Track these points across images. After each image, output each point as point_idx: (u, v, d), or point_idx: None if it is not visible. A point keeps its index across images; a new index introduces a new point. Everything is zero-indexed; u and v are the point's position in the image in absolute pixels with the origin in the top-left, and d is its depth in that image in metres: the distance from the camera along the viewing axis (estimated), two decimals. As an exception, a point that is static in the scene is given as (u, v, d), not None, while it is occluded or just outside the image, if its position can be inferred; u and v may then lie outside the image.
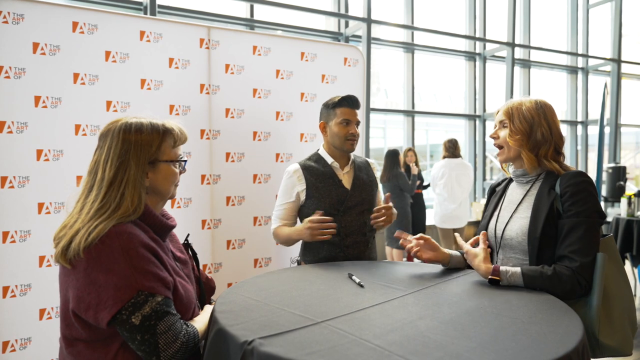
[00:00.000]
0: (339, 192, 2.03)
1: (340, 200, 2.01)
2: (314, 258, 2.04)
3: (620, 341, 1.36)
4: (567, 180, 1.43)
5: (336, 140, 2.04)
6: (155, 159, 1.22)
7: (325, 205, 1.99)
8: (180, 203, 2.52)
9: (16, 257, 2.11)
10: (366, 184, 2.11)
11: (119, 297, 1.06)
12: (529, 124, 1.49)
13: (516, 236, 1.48)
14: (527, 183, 1.56)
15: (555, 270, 1.37)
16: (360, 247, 2.05)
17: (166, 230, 1.26)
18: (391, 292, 1.38)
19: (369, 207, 2.08)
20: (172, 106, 2.49)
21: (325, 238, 1.89)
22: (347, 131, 2.02)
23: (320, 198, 2.01)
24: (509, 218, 1.53)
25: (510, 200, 1.59)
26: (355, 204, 2.04)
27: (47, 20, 2.16)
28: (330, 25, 6.06)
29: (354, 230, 2.03)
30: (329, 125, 2.06)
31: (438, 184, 4.83)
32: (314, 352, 0.95)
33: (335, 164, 2.07)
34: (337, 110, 2.04)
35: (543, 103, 1.53)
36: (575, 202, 1.39)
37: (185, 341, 1.13)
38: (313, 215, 1.92)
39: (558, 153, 1.52)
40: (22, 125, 2.12)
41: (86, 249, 1.08)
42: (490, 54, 7.06)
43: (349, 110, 2.04)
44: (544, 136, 1.49)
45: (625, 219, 4.39)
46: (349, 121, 2.03)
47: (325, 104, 2.10)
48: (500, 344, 1.00)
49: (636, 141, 11.37)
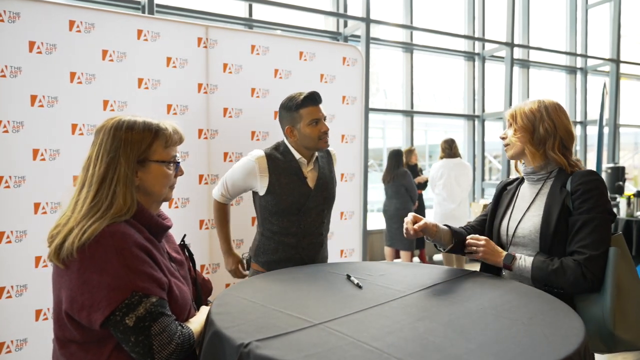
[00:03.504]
0: (302, 191, 1.92)
1: (302, 200, 1.92)
2: (267, 259, 1.96)
3: (635, 335, 1.38)
4: (579, 178, 1.46)
5: (309, 141, 1.90)
6: (145, 158, 1.20)
7: (286, 204, 1.90)
8: (177, 203, 2.50)
9: (12, 257, 2.10)
10: (329, 182, 2.02)
11: (112, 298, 1.05)
12: (531, 121, 1.55)
13: (529, 234, 1.52)
14: (538, 181, 1.60)
15: (561, 262, 1.40)
16: (316, 248, 1.99)
17: (161, 230, 1.25)
18: (390, 294, 1.36)
19: (328, 206, 2.02)
20: (170, 105, 2.47)
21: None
22: (319, 130, 1.89)
23: (282, 195, 1.89)
24: (521, 216, 1.57)
25: (523, 199, 1.63)
26: (316, 204, 1.96)
27: (43, 19, 2.14)
28: (329, 25, 6.04)
29: (312, 230, 1.96)
30: (297, 128, 1.91)
31: (437, 184, 4.82)
32: (311, 354, 0.94)
33: (303, 159, 1.95)
34: (301, 111, 1.89)
35: (548, 102, 1.57)
36: (587, 199, 1.43)
37: (180, 342, 1.11)
38: (246, 260, 2.09)
39: (565, 147, 1.55)
40: (18, 124, 2.11)
41: (80, 249, 1.06)
42: (489, 54, 7.05)
43: (314, 109, 1.89)
44: (548, 131, 1.53)
45: (625, 219, 4.38)
46: (317, 120, 1.89)
47: (285, 106, 1.93)
48: (500, 345, 0.99)
49: (635, 141, 11.39)
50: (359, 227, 3.10)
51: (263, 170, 1.90)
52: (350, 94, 3.02)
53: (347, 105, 3.01)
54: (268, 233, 1.96)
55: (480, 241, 1.57)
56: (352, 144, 3.04)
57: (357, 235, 3.08)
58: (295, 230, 1.93)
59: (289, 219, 1.92)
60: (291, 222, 1.92)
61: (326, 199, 2.00)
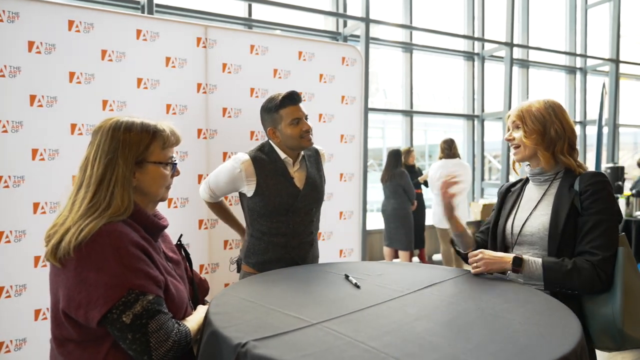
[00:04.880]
0: (290, 192, 1.91)
1: (290, 200, 1.91)
2: (258, 260, 1.95)
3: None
4: (588, 179, 1.47)
5: (292, 141, 1.90)
6: (142, 159, 1.20)
7: (274, 205, 1.89)
8: (177, 203, 2.50)
9: (11, 257, 2.10)
10: (317, 182, 2.01)
11: (109, 296, 1.05)
12: (542, 123, 1.54)
13: (537, 232, 1.52)
14: (544, 182, 1.60)
15: (575, 263, 1.40)
16: (307, 247, 1.99)
17: (158, 229, 1.25)
18: (388, 293, 1.36)
19: (317, 206, 2.02)
20: (169, 105, 2.47)
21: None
22: (300, 129, 1.88)
23: (270, 196, 1.89)
24: (528, 215, 1.57)
25: (529, 199, 1.62)
26: (305, 204, 1.95)
27: (42, 19, 2.14)
28: (328, 25, 6.05)
29: (301, 230, 1.96)
30: (278, 129, 1.91)
31: (436, 184, 4.81)
32: (308, 354, 0.94)
33: (289, 159, 1.94)
34: (281, 112, 1.88)
35: (551, 102, 1.58)
36: (597, 200, 1.44)
37: (177, 340, 1.12)
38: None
39: (572, 148, 1.56)
40: (17, 124, 2.11)
41: (76, 248, 1.07)
42: (489, 54, 7.05)
43: (294, 108, 1.89)
44: (558, 133, 1.53)
45: (624, 219, 4.39)
46: (298, 119, 1.88)
47: (266, 108, 1.94)
48: (497, 345, 0.99)
49: (634, 141, 11.39)
50: (358, 227, 3.10)
51: (250, 175, 1.89)
52: (350, 94, 3.02)
53: (346, 105, 3.01)
54: (257, 234, 1.96)
55: (476, 256, 1.56)
56: (351, 143, 3.04)
57: (356, 235, 3.08)
58: (284, 231, 1.92)
59: (278, 220, 1.91)
60: (280, 223, 1.92)
61: (315, 199, 1.99)
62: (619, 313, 1.35)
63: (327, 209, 2.71)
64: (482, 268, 1.54)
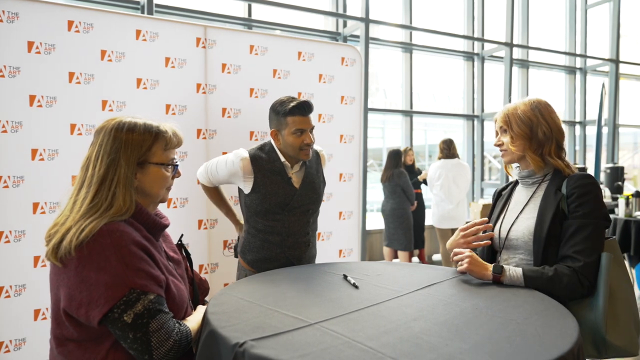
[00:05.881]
0: (287, 191, 1.92)
1: (286, 199, 1.91)
2: (254, 257, 1.98)
3: (627, 341, 1.37)
4: (575, 181, 1.45)
5: (290, 150, 1.89)
6: (144, 160, 1.20)
7: (270, 204, 1.90)
8: (176, 203, 2.51)
9: (11, 257, 2.10)
10: (315, 183, 2.01)
11: (110, 295, 1.05)
12: (528, 126, 1.51)
13: (522, 236, 1.50)
14: (533, 184, 1.58)
15: (556, 270, 1.38)
16: (302, 247, 1.99)
17: (159, 229, 1.25)
18: (386, 293, 1.37)
19: (314, 207, 2.02)
20: (169, 106, 2.48)
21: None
22: (301, 141, 1.86)
23: (267, 195, 1.90)
24: (514, 219, 1.55)
25: (517, 202, 1.61)
26: (301, 204, 1.95)
27: (42, 19, 2.15)
28: (328, 25, 6.04)
29: (296, 230, 1.96)
30: (281, 134, 1.89)
31: (435, 184, 4.82)
32: (306, 354, 0.94)
33: (287, 163, 1.94)
34: (288, 119, 1.86)
35: (537, 101, 1.54)
36: (583, 203, 1.41)
37: (178, 339, 1.12)
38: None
39: (560, 149, 1.54)
40: (16, 124, 2.11)
41: (78, 247, 1.07)
42: (489, 54, 7.05)
43: (301, 119, 1.86)
44: (546, 134, 1.51)
45: (623, 219, 4.38)
46: (302, 130, 1.86)
47: (275, 109, 1.91)
48: (494, 345, 1.00)
49: (634, 141, 11.38)
50: (358, 227, 3.10)
51: (248, 172, 1.90)
52: (349, 94, 3.02)
53: (345, 105, 3.01)
54: (253, 231, 1.98)
55: (463, 254, 1.52)
56: (350, 143, 3.04)
57: (355, 235, 3.09)
58: (279, 229, 1.93)
59: (274, 218, 1.93)
60: (275, 221, 1.93)
61: (312, 199, 1.99)
62: (602, 320, 1.33)
63: (327, 209, 2.72)
64: (465, 267, 1.49)
